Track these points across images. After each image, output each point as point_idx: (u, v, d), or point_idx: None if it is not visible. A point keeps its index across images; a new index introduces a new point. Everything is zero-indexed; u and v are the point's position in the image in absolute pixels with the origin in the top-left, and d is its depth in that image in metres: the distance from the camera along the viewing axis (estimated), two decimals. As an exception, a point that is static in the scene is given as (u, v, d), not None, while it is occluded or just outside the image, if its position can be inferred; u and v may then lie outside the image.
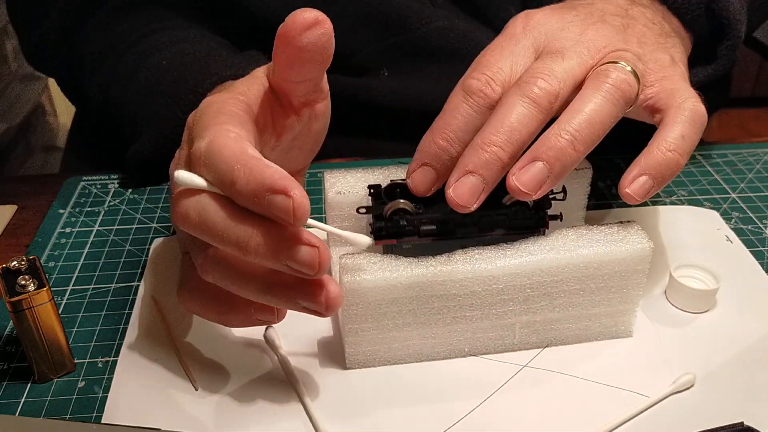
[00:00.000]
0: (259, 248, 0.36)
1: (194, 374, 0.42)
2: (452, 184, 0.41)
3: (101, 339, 0.45)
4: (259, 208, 0.35)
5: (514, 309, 0.42)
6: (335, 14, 0.62)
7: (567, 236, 0.42)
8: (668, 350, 0.44)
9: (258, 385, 0.42)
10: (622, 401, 0.41)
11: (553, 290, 0.42)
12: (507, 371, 0.43)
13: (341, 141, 0.65)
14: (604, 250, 0.42)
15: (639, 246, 0.42)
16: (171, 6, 0.64)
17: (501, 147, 0.40)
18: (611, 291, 0.43)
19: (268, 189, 0.35)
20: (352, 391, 0.42)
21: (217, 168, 0.36)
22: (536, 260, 0.41)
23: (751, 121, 2.15)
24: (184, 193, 0.38)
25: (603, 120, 0.41)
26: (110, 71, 0.60)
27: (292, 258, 0.36)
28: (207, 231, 0.37)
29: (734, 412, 0.40)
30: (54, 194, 0.60)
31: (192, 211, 0.37)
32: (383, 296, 0.41)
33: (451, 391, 0.42)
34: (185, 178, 0.37)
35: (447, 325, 0.42)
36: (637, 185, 0.41)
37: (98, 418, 0.40)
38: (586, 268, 0.42)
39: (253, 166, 0.35)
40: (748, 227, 0.55)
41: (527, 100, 0.41)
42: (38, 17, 0.66)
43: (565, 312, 0.43)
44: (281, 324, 0.45)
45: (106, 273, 0.51)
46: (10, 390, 0.42)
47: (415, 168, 0.43)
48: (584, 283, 0.42)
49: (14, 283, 0.40)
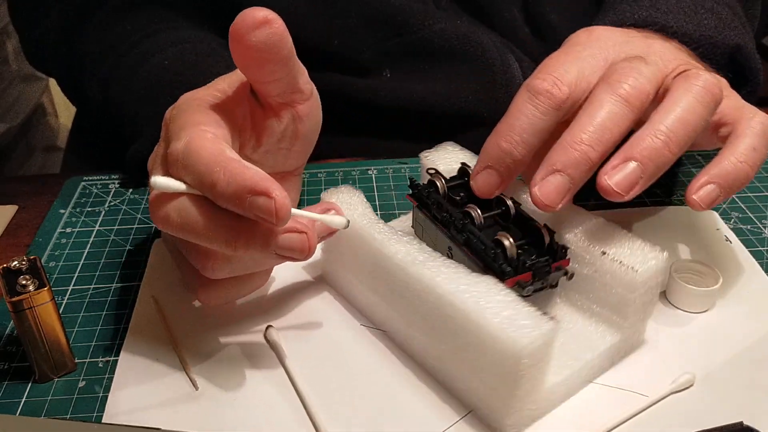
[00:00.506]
0: (248, 243, 0.36)
1: (194, 374, 0.42)
2: (538, 182, 0.40)
3: (102, 339, 0.45)
4: (241, 209, 0.36)
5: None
6: (337, 15, 0.63)
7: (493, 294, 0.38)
8: (668, 350, 0.44)
9: (258, 385, 0.42)
10: (622, 401, 0.41)
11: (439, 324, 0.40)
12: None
13: (342, 141, 0.66)
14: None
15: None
16: (171, 6, 0.64)
17: (591, 146, 0.39)
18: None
19: (249, 191, 0.35)
20: (352, 391, 0.42)
21: (195, 170, 0.36)
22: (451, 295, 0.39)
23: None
24: (162, 197, 0.37)
25: (695, 121, 0.40)
26: (111, 71, 0.60)
27: (283, 247, 0.37)
28: (191, 232, 0.37)
29: (734, 412, 0.40)
30: (54, 194, 0.60)
31: (173, 213, 0.37)
32: (357, 243, 0.44)
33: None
34: (162, 183, 0.37)
35: (391, 300, 0.43)
36: (704, 193, 0.41)
37: (99, 418, 0.40)
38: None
39: (232, 169, 0.35)
40: (748, 227, 0.55)
41: (618, 98, 0.40)
42: (38, 17, 0.66)
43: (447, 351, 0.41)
44: (281, 324, 0.46)
45: (107, 273, 0.51)
46: (10, 390, 0.42)
47: (478, 170, 0.43)
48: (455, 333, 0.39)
49: (15, 283, 0.40)
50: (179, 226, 0.37)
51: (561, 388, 0.40)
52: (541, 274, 0.41)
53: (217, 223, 0.37)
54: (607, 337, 0.42)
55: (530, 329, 0.36)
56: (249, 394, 0.41)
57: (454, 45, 0.63)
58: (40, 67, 0.75)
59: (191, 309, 0.47)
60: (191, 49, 0.59)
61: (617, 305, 0.42)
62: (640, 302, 0.41)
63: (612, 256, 0.41)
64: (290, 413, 0.40)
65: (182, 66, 0.57)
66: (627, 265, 0.40)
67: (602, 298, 0.42)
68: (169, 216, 0.37)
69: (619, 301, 0.41)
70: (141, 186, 0.61)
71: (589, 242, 0.42)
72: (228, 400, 0.41)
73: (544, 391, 0.39)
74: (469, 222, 0.43)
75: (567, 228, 0.43)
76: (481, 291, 0.38)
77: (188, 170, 0.37)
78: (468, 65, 0.63)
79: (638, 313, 0.42)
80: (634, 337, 0.43)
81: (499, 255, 0.40)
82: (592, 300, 0.43)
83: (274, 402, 0.41)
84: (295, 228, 0.37)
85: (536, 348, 0.36)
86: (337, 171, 0.62)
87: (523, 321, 0.36)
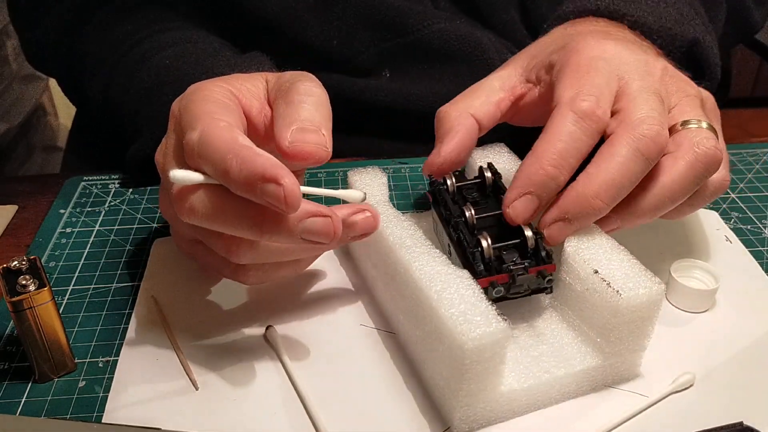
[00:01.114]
0: (273, 229, 0.37)
1: (194, 374, 0.42)
2: (547, 224, 0.42)
3: (102, 339, 0.45)
4: (253, 195, 0.36)
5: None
6: (337, 17, 0.63)
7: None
8: (667, 350, 0.44)
9: (258, 385, 0.42)
10: (622, 401, 0.41)
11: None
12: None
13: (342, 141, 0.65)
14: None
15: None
16: (171, 7, 0.64)
17: (605, 203, 0.41)
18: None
19: (260, 178, 0.35)
20: (352, 391, 0.42)
21: (211, 159, 0.37)
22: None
23: (750, 122, 2.15)
24: (184, 189, 0.38)
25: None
26: (111, 71, 0.60)
27: (307, 231, 0.38)
28: (217, 221, 0.37)
29: (733, 412, 0.40)
30: (54, 194, 0.60)
31: (198, 204, 0.38)
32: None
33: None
34: (180, 176, 0.37)
35: (385, 279, 0.45)
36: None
37: (99, 418, 0.40)
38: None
39: (244, 155, 0.36)
40: (748, 227, 0.55)
41: (643, 158, 0.41)
42: (38, 17, 0.66)
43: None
44: (281, 324, 0.46)
45: (107, 273, 0.51)
46: (10, 390, 0.42)
47: (516, 196, 0.41)
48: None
49: (15, 283, 0.40)
50: (205, 216, 0.38)
51: (522, 397, 0.40)
52: (515, 277, 0.41)
53: (242, 210, 0.37)
54: (587, 359, 0.41)
55: (478, 326, 0.36)
56: (249, 394, 0.41)
57: (453, 45, 0.63)
58: (41, 67, 0.75)
59: (191, 309, 0.47)
60: (193, 49, 0.59)
61: (602, 328, 0.40)
62: (626, 330, 0.40)
63: (603, 276, 0.40)
64: (290, 413, 0.40)
65: (184, 65, 0.57)
66: (613, 288, 0.39)
67: (589, 318, 0.41)
68: (194, 207, 0.38)
69: (604, 324, 0.40)
70: (141, 186, 0.61)
71: (586, 258, 0.41)
72: (228, 399, 0.41)
73: (501, 395, 0.39)
74: (462, 220, 0.43)
75: (572, 242, 0.42)
76: (449, 283, 0.39)
77: (205, 159, 0.37)
78: (467, 65, 0.64)
79: (624, 342, 0.40)
80: (623, 367, 0.41)
81: (476, 254, 0.41)
82: (582, 318, 0.42)
83: (274, 402, 0.41)
84: (320, 212, 0.38)
85: (481, 345, 0.36)
86: (337, 171, 0.62)
87: (475, 318, 0.37)
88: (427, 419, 0.40)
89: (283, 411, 0.40)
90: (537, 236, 0.41)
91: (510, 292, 0.41)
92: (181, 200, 0.38)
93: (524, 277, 0.41)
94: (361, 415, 0.40)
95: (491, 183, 0.46)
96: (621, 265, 0.40)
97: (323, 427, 0.39)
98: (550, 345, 0.42)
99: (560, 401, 0.41)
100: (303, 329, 0.46)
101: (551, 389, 0.40)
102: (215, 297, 0.48)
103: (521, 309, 0.44)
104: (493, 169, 0.47)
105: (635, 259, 0.41)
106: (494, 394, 0.39)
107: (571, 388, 0.41)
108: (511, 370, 0.40)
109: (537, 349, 0.41)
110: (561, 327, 0.43)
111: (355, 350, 0.44)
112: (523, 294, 0.42)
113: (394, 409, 0.41)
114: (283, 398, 0.41)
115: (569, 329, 0.43)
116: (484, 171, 0.47)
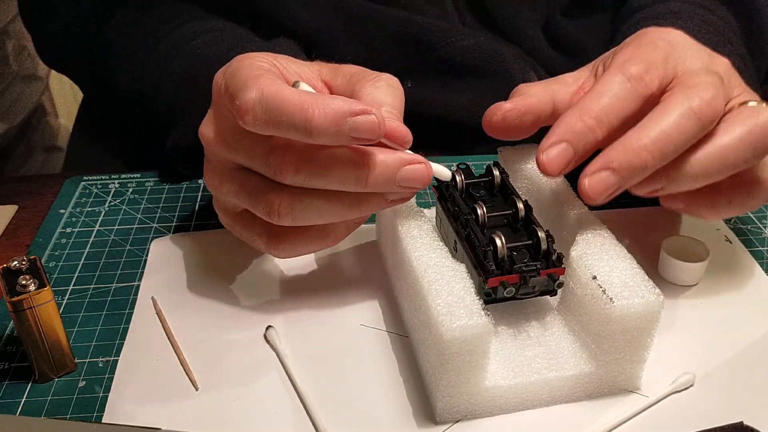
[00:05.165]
0: (374, 179, 0.39)
1: (194, 374, 0.42)
2: (589, 173, 0.39)
3: (102, 339, 0.45)
4: (338, 136, 0.37)
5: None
6: (369, 33, 0.63)
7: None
8: (667, 350, 0.44)
9: (258, 385, 0.42)
10: (622, 401, 0.41)
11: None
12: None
13: None
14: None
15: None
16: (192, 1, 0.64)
17: (652, 156, 0.39)
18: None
19: (348, 113, 0.36)
20: (352, 390, 0.42)
21: (283, 112, 0.37)
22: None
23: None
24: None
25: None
26: (143, 61, 0.60)
27: (406, 178, 0.40)
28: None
29: (734, 412, 0.40)
30: (55, 194, 0.60)
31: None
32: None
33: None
34: (302, 86, 0.40)
35: (393, 265, 0.46)
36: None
37: (99, 418, 0.40)
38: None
39: (322, 100, 0.37)
40: (748, 227, 0.55)
41: (695, 119, 0.39)
42: (53, 14, 0.66)
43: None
44: (281, 324, 0.46)
45: (107, 273, 0.51)
46: (10, 390, 0.42)
47: (552, 143, 0.40)
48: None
49: (15, 283, 0.40)
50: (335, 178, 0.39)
51: (509, 394, 0.40)
52: (526, 278, 0.41)
53: (345, 161, 0.39)
54: (580, 365, 0.40)
55: (459, 319, 0.36)
56: (249, 394, 0.41)
57: (476, 61, 0.64)
58: (56, 65, 0.74)
59: (191, 309, 0.47)
60: (222, 36, 0.58)
61: (596, 335, 0.40)
62: (621, 339, 0.39)
63: (600, 282, 0.39)
64: (290, 413, 0.40)
65: (218, 52, 0.56)
66: (607, 295, 0.38)
67: (586, 324, 0.41)
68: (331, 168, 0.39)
69: (598, 331, 0.40)
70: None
71: (588, 264, 0.40)
72: (228, 400, 0.41)
73: (486, 389, 0.39)
74: (473, 218, 0.43)
75: (579, 245, 0.42)
76: (441, 274, 0.40)
77: (271, 114, 0.37)
78: (489, 79, 0.64)
79: (621, 351, 0.40)
80: (621, 378, 0.41)
81: (489, 253, 0.41)
82: (581, 324, 0.41)
83: (274, 402, 0.41)
84: (415, 159, 0.40)
85: (461, 337, 0.36)
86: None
87: (458, 310, 0.37)
88: (427, 419, 0.40)
89: (283, 411, 0.40)
90: (549, 239, 0.41)
91: (519, 292, 0.41)
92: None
93: (536, 279, 0.41)
94: (362, 415, 0.40)
95: (499, 182, 0.46)
96: (622, 273, 0.40)
97: (323, 427, 0.39)
98: (547, 347, 0.42)
99: (552, 404, 0.41)
100: (303, 329, 0.46)
101: (541, 390, 0.40)
102: (215, 297, 0.48)
103: (526, 309, 0.45)
104: (500, 168, 0.47)
105: (640, 269, 0.40)
106: (478, 388, 0.39)
107: (563, 392, 0.41)
108: (501, 366, 0.40)
109: (533, 350, 0.42)
110: (561, 330, 0.43)
111: (355, 350, 0.44)
112: (529, 295, 0.42)
113: (394, 410, 0.41)
114: (283, 398, 0.41)
115: (569, 333, 0.43)
116: (492, 169, 0.47)
